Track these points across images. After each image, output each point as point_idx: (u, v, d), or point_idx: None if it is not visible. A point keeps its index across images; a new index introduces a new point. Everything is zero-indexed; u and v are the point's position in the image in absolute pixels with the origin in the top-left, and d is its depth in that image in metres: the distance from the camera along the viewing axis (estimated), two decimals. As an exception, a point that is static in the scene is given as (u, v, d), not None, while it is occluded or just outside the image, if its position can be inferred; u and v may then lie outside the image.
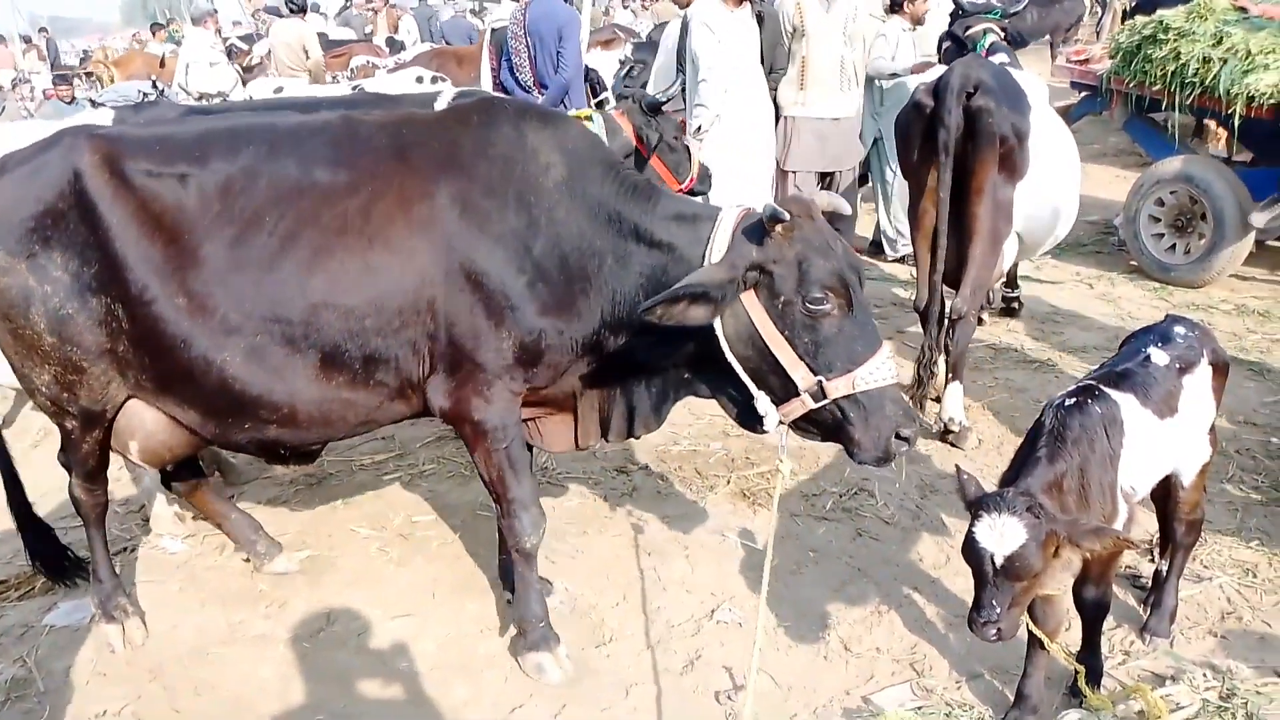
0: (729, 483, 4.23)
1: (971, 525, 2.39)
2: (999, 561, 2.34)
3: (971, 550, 2.40)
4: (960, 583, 3.38)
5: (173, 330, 2.80)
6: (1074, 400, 2.67)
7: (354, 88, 7.78)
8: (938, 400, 4.62)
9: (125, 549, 3.89)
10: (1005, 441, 4.44)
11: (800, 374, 2.63)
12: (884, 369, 2.62)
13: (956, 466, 2.61)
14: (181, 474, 3.63)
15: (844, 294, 2.60)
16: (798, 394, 2.65)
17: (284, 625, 3.40)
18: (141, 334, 2.83)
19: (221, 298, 2.78)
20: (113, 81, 13.18)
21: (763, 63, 6.30)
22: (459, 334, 2.83)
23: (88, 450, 3.12)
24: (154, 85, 10.03)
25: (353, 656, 3.24)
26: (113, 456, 3.25)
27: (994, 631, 2.38)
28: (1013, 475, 2.61)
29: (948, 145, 4.26)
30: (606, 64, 7.98)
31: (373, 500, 4.22)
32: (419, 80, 7.11)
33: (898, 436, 2.63)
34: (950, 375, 4.56)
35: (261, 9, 17.23)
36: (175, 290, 2.77)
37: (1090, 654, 2.83)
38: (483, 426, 2.94)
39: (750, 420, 2.83)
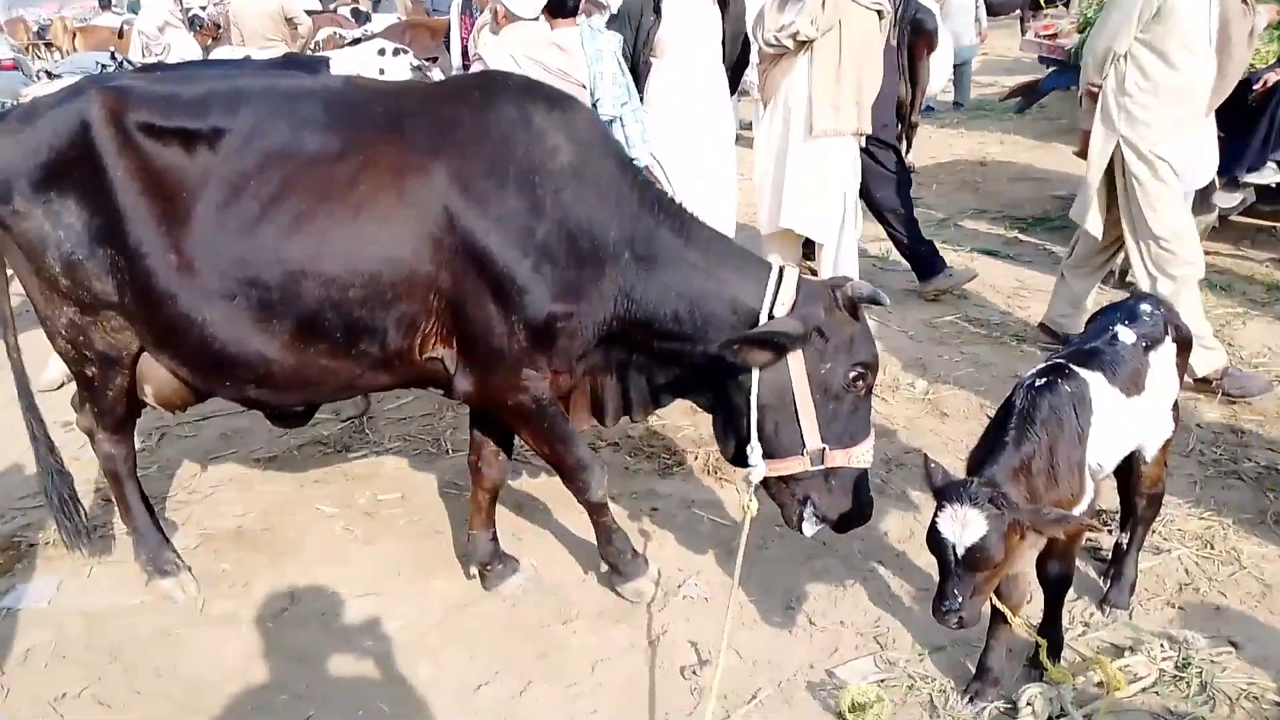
0: (696, 459, 4.22)
1: (935, 515, 2.41)
2: (961, 552, 2.36)
3: (935, 540, 2.42)
4: (925, 557, 3.36)
5: (162, 285, 2.83)
6: (1044, 380, 2.68)
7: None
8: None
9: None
10: (971, 415, 4.47)
11: (813, 437, 2.79)
12: (869, 453, 2.90)
13: (924, 455, 2.62)
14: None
15: (872, 378, 2.87)
16: (799, 454, 2.82)
17: (247, 605, 3.36)
18: (139, 286, 2.86)
19: (205, 257, 2.80)
20: (75, 51, 12.88)
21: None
22: (466, 317, 2.85)
23: (113, 397, 3.17)
24: (112, 56, 9.81)
25: (317, 636, 3.22)
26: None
27: (956, 620, 2.41)
28: (981, 456, 2.62)
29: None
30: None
31: (338, 478, 4.18)
32: (380, 53, 6.98)
33: (860, 515, 2.96)
34: None
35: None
36: (166, 246, 2.80)
37: (1051, 627, 2.86)
38: (520, 411, 3.01)
39: (734, 454, 2.99)
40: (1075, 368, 2.73)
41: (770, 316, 2.82)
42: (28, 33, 20.93)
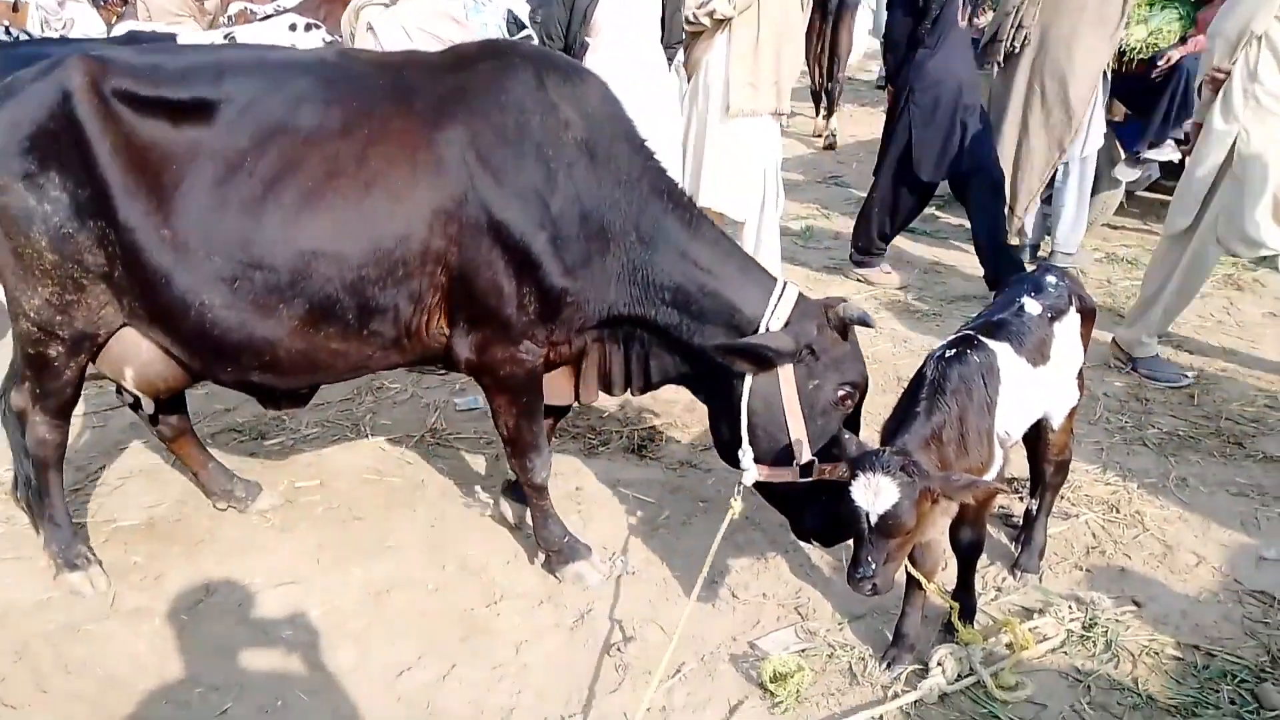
0: (622, 437, 4.23)
1: (849, 484, 2.45)
2: (874, 520, 2.41)
3: (849, 509, 2.46)
4: (844, 528, 3.47)
5: (156, 263, 2.74)
6: (953, 351, 2.74)
7: (227, 36, 7.39)
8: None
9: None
10: (888, 389, 4.55)
11: (804, 449, 2.81)
12: None
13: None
14: (170, 419, 3.57)
15: (863, 394, 2.93)
16: (788, 464, 2.84)
17: (161, 598, 3.27)
18: (131, 262, 2.77)
19: (202, 237, 2.71)
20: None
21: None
22: (479, 289, 2.82)
23: (67, 379, 3.04)
24: (7, 31, 9.36)
25: (234, 627, 3.14)
26: None
27: (870, 587, 2.45)
28: (894, 426, 2.68)
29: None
30: (517, 3, 7.85)
31: (254, 466, 4.08)
32: (292, 28, 6.78)
33: (839, 529, 2.84)
34: None
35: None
36: (158, 223, 2.71)
37: (965, 592, 2.94)
38: (509, 382, 3.01)
39: (726, 455, 3.05)
40: (983, 339, 2.80)
41: (767, 329, 2.85)
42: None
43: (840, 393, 2.86)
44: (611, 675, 2.91)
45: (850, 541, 2.58)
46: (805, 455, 2.82)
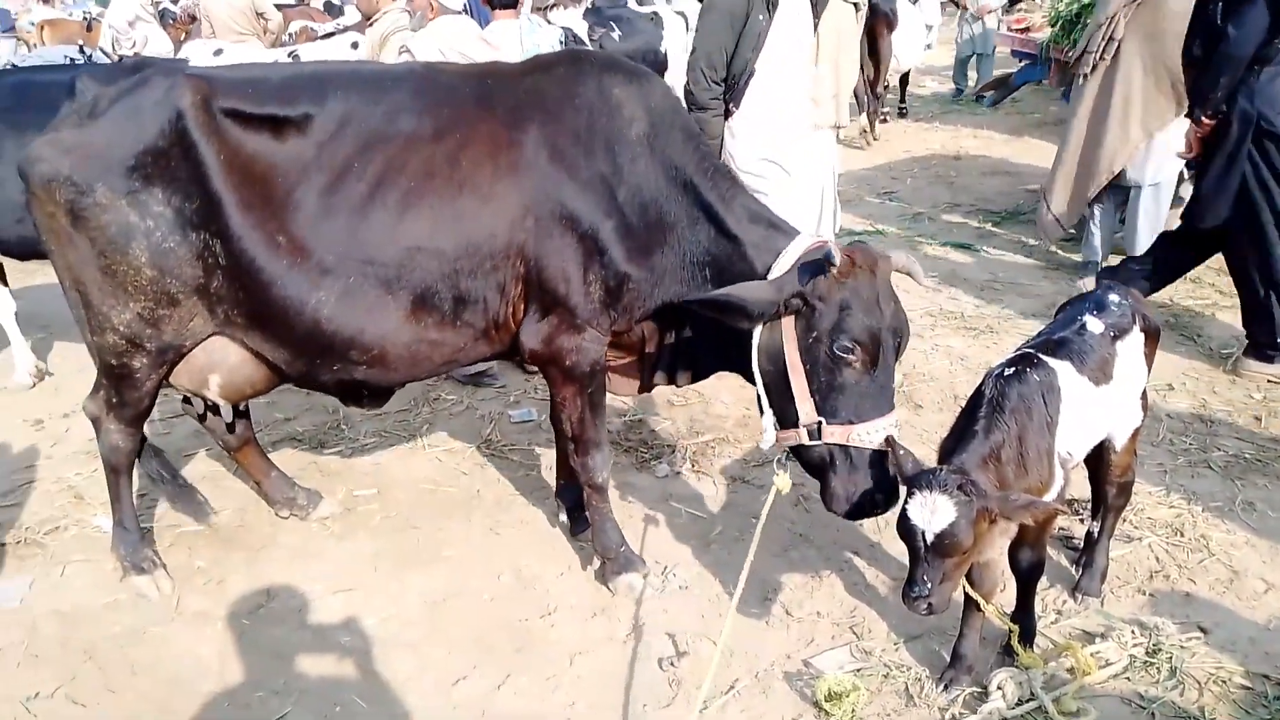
0: (674, 451, 4.24)
1: (905, 502, 2.43)
2: (930, 539, 2.38)
3: (904, 527, 2.44)
4: (899, 547, 3.40)
5: (269, 269, 2.86)
6: (1013, 369, 2.70)
7: (290, 54, 7.58)
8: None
9: (58, 528, 3.79)
10: (945, 407, 4.51)
11: (806, 409, 2.74)
12: (882, 433, 2.70)
13: (889, 439, 2.63)
14: (235, 428, 3.68)
15: (871, 351, 2.68)
16: (796, 425, 2.76)
17: (223, 603, 3.34)
18: (237, 271, 2.88)
19: (316, 240, 2.86)
20: (43, 45, 12.69)
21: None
22: (549, 277, 2.95)
23: (146, 390, 3.17)
24: (81, 50, 9.68)
25: (293, 632, 3.20)
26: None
27: (925, 606, 2.42)
28: (952, 445, 2.64)
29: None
30: (575, 23, 8.04)
31: (313, 474, 4.16)
32: (354, 46, 6.94)
33: (873, 501, 2.74)
34: None
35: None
36: (271, 230, 2.84)
37: (1024, 614, 2.89)
38: (574, 371, 3.09)
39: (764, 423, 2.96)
40: (1044, 357, 2.76)
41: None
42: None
43: (844, 345, 2.65)
44: (664, 690, 2.91)
45: (906, 558, 2.55)
46: (810, 414, 2.73)
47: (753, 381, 2.97)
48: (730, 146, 4.72)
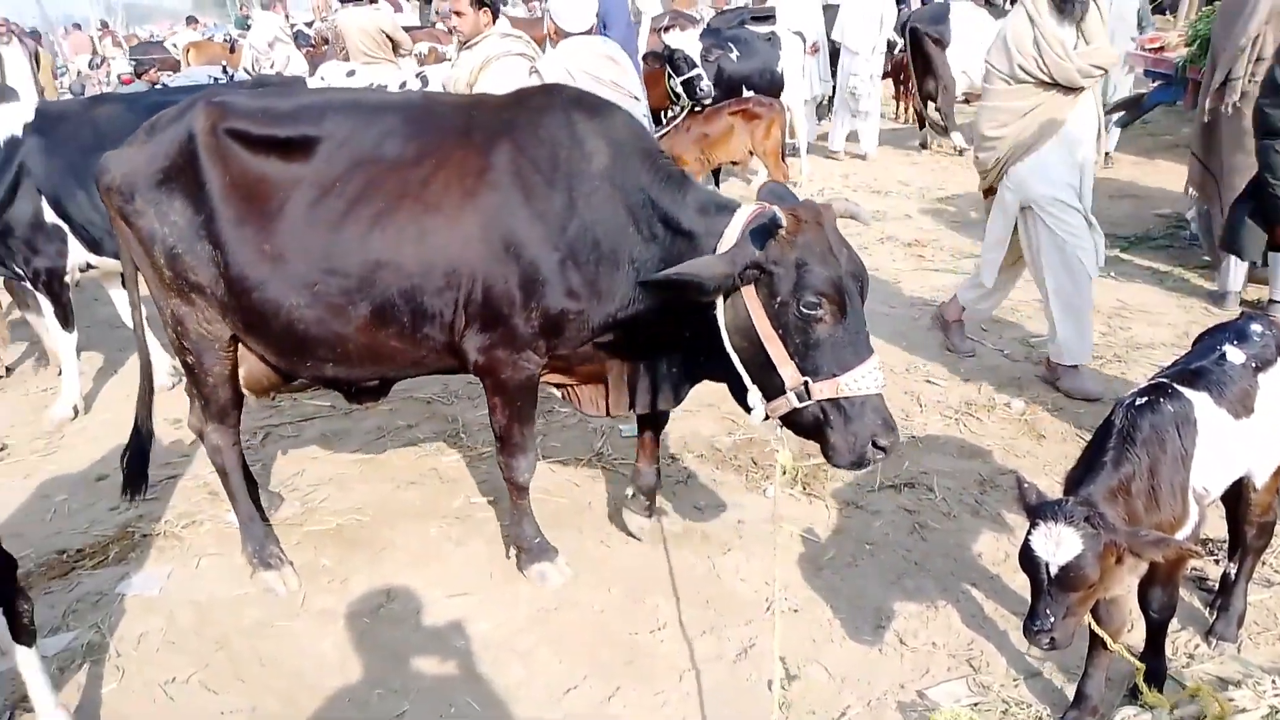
0: (784, 473, 4.21)
1: (1029, 533, 2.36)
2: (1054, 571, 2.31)
3: (1027, 559, 2.37)
4: (1020, 579, 3.31)
5: (254, 275, 3.13)
6: (1145, 399, 2.60)
7: (418, 75, 7.86)
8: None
9: (194, 521, 4.01)
10: (1069, 438, 4.37)
11: (789, 373, 2.72)
12: (869, 378, 2.70)
13: (1016, 475, 2.56)
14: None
15: (838, 301, 2.66)
16: (784, 392, 2.74)
17: (345, 601, 3.48)
18: (232, 277, 3.16)
19: (295, 250, 3.09)
20: (189, 66, 13.48)
21: None
22: (494, 298, 3.07)
23: (212, 383, 3.45)
24: (224, 70, 10.24)
25: (411, 633, 3.30)
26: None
27: (1047, 640, 2.35)
28: (1079, 476, 2.56)
29: None
30: (690, 44, 8.17)
31: (432, 480, 4.29)
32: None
33: (875, 445, 2.70)
34: None
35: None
36: (261, 239, 3.10)
37: (1153, 655, 2.78)
38: (506, 385, 3.24)
39: (746, 407, 2.94)
40: (1179, 387, 2.65)
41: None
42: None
43: (809, 300, 2.64)
44: (774, 713, 2.88)
45: (1026, 591, 2.48)
46: (794, 378, 2.71)
47: (729, 380, 2.96)
48: None
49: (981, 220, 8.20)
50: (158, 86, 10.01)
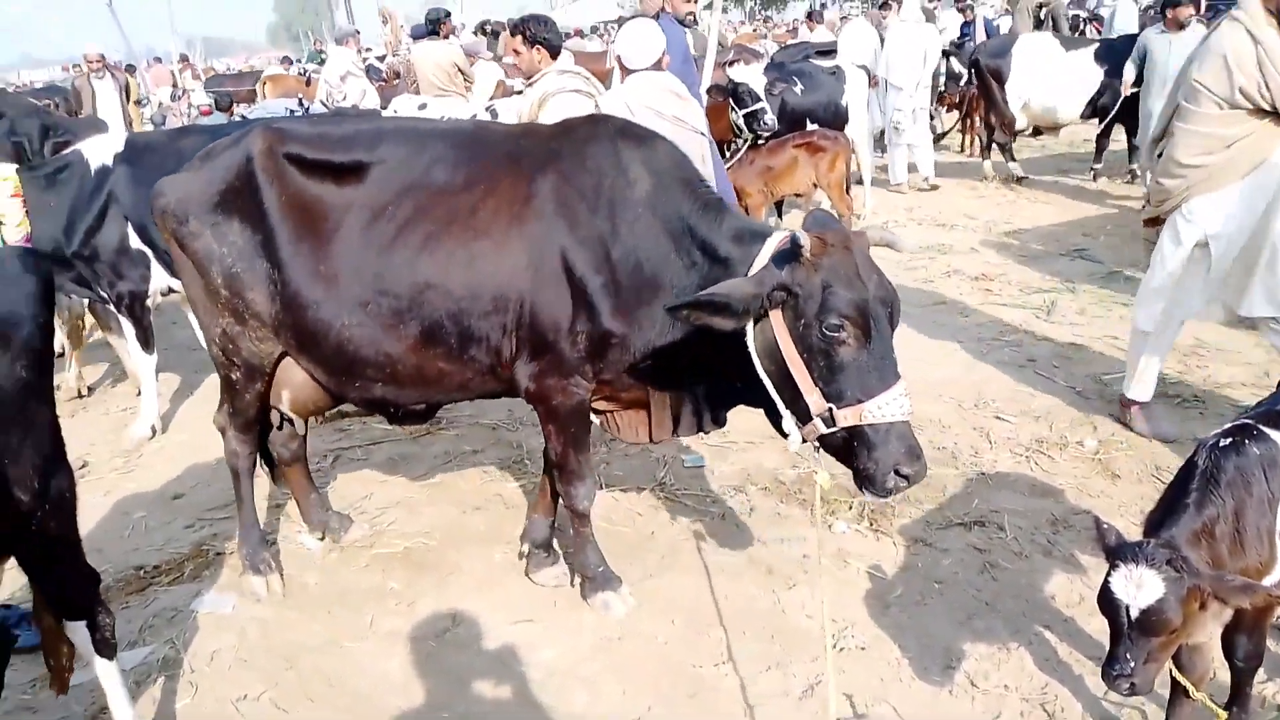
0: (850, 508, 4.16)
1: (1108, 575, 2.31)
2: (1134, 615, 2.25)
3: (1107, 601, 2.31)
4: (1096, 623, 3.23)
5: (309, 294, 3.24)
6: (1230, 440, 2.53)
7: (488, 108, 8.02)
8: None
9: (268, 541, 4.08)
10: (1144, 478, 4.25)
11: (814, 399, 2.71)
12: (894, 405, 2.65)
13: (1094, 515, 2.51)
14: (291, 445, 3.96)
15: (861, 324, 2.64)
16: (811, 417, 2.72)
17: (411, 624, 3.51)
18: (288, 295, 3.27)
19: (347, 270, 3.18)
20: (266, 98, 13.92)
21: None
22: (541, 324, 3.12)
23: (249, 400, 3.59)
24: (300, 103, 10.56)
25: (475, 658, 3.32)
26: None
27: (1127, 686, 2.28)
28: (1160, 518, 2.49)
29: None
30: (754, 78, 8.30)
31: (497, 506, 4.33)
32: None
33: (898, 474, 2.65)
34: None
35: (405, 27, 17.91)
36: (316, 261, 3.21)
37: (1239, 706, 2.67)
38: (558, 411, 3.28)
39: (783, 433, 2.93)
40: (1265, 429, 2.58)
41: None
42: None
43: (832, 324, 2.61)
44: (840, 750, 2.84)
45: (1106, 639, 2.41)
46: (819, 404, 2.68)
47: (765, 405, 2.93)
48: None
49: (1048, 254, 8.12)
50: (236, 119, 10.36)
